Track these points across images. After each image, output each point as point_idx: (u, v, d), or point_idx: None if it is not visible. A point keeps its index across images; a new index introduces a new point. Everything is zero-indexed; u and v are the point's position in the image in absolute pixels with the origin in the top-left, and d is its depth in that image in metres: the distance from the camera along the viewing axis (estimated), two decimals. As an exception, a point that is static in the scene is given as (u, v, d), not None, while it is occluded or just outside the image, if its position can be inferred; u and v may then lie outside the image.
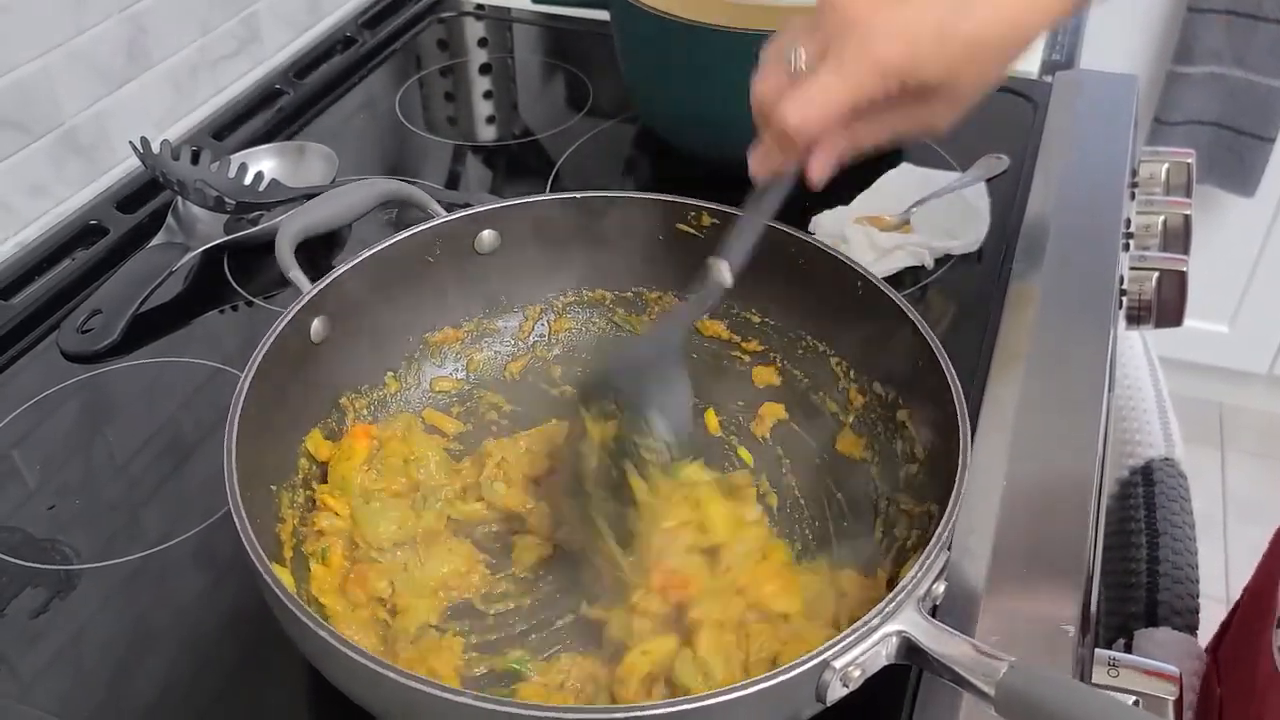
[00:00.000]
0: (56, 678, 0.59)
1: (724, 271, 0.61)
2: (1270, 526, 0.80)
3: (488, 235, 0.72)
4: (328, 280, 0.65)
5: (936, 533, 0.51)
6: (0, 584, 0.64)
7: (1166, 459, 0.88)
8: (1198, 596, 0.80)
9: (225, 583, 0.64)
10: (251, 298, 0.84)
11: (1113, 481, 0.88)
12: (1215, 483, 2.04)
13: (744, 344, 0.74)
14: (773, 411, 0.71)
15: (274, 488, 0.61)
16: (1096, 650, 0.62)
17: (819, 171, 0.58)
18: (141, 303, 0.81)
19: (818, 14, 0.57)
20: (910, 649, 0.49)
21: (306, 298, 0.64)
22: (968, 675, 0.47)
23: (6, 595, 0.63)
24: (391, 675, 0.45)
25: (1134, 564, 0.81)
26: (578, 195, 0.73)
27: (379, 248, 0.68)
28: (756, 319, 0.73)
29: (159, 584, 0.64)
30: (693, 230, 0.72)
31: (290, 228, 0.73)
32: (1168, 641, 0.75)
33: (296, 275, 0.68)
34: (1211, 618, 0.83)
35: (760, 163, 0.60)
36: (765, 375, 0.73)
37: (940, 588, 0.51)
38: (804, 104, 0.55)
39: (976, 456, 0.68)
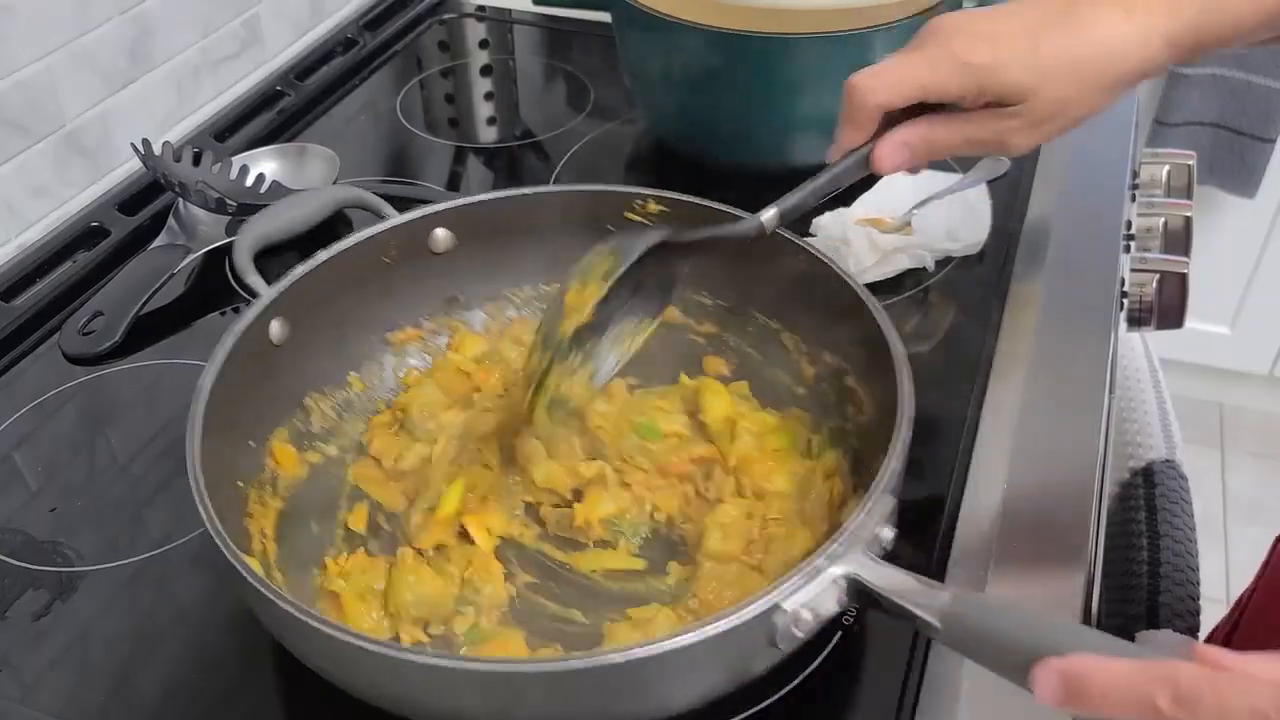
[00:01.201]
0: (59, 680, 0.59)
1: (772, 216, 0.62)
2: (1271, 527, 0.80)
3: (441, 234, 0.73)
4: (286, 283, 0.65)
5: (878, 475, 0.52)
6: (2, 586, 0.64)
7: (1167, 461, 0.88)
8: (1199, 599, 0.80)
9: (227, 584, 0.64)
10: (253, 300, 0.84)
11: (1113, 483, 0.88)
12: (1216, 484, 2.04)
13: (698, 326, 0.75)
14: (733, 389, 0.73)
15: (241, 484, 0.61)
16: (1098, 652, 0.62)
17: (886, 156, 0.60)
18: (143, 304, 0.81)
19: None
20: (859, 590, 0.49)
21: (265, 301, 0.64)
22: (913, 609, 0.47)
23: (8, 597, 0.63)
24: (351, 639, 0.46)
25: (1135, 566, 0.81)
26: (526, 191, 0.74)
27: (334, 250, 0.68)
28: (708, 301, 0.74)
29: (161, 586, 0.64)
30: (640, 218, 0.72)
31: (246, 236, 0.76)
32: (1169, 643, 0.75)
33: (254, 280, 0.71)
34: (1212, 619, 0.83)
35: (835, 143, 0.61)
36: (715, 365, 0.74)
37: (889, 534, 0.52)
38: (870, 73, 0.57)
39: (977, 458, 0.68)
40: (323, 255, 0.68)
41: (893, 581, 0.48)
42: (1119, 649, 0.40)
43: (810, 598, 0.48)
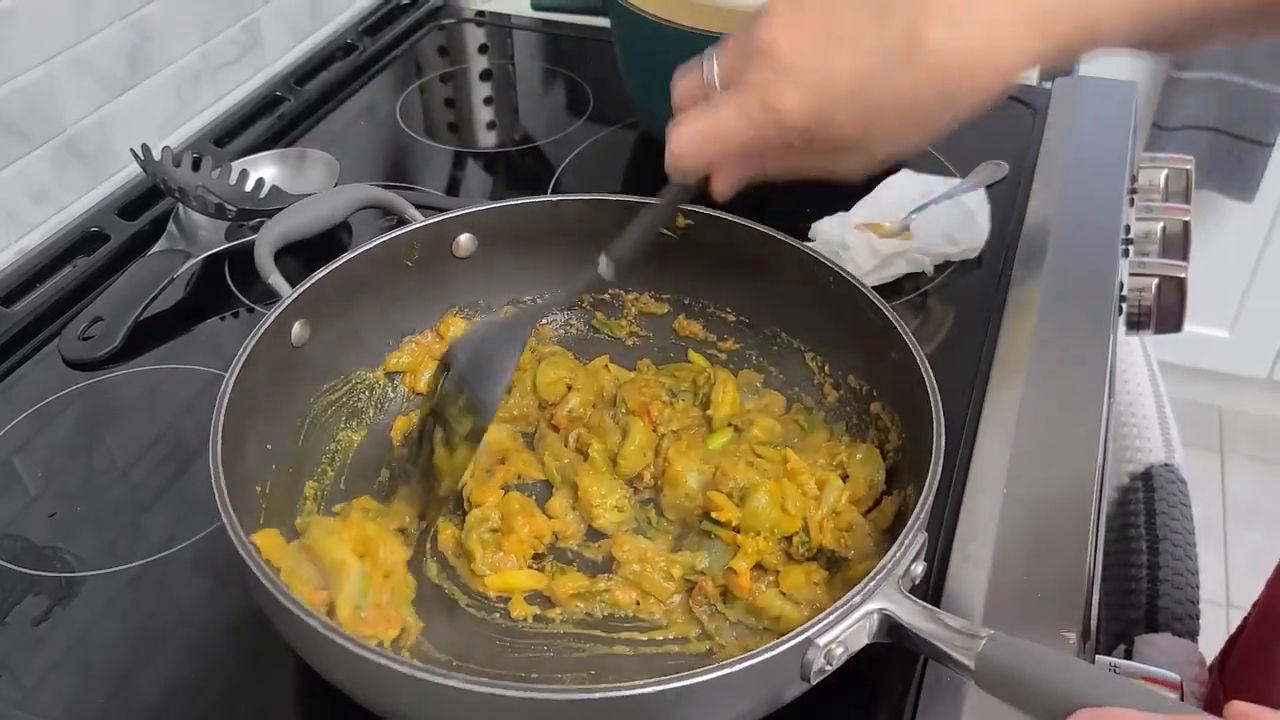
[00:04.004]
0: (58, 685, 0.59)
1: (605, 265, 0.61)
2: (1270, 531, 0.80)
3: (465, 239, 0.73)
4: (307, 284, 0.66)
5: (914, 513, 0.52)
6: (2, 591, 0.64)
7: (1167, 464, 0.88)
8: (1198, 602, 0.80)
9: (227, 589, 0.64)
10: (253, 304, 0.84)
11: (1113, 488, 0.88)
12: (1215, 488, 2.04)
13: (720, 343, 0.75)
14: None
15: (259, 489, 0.61)
16: (1098, 656, 0.62)
17: (718, 191, 0.57)
18: (143, 310, 0.81)
19: (750, 25, 0.52)
20: (891, 626, 0.49)
21: (287, 301, 0.64)
22: (947, 649, 0.48)
23: (8, 603, 0.63)
24: (369, 655, 0.46)
25: (1134, 570, 0.81)
26: (552, 199, 0.74)
27: (357, 252, 0.68)
28: (731, 318, 0.75)
29: (161, 591, 0.64)
30: (667, 231, 0.72)
31: (268, 235, 0.75)
32: (1168, 647, 0.75)
33: (276, 280, 0.70)
34: (1212, 623, 0.83)
35: (667, 165, 0.57)
36: (747, 378, 0.74)
37: (919, 568, 0.52)
38: (691, 135, 0.53)
39: (976, 463, 0.68)
40: (345, 256, 0.67)
41: (927, 622, 0.49)
42: (1152, 702, 0.40)
43: (842, 633, 0.48)
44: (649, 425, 0.69)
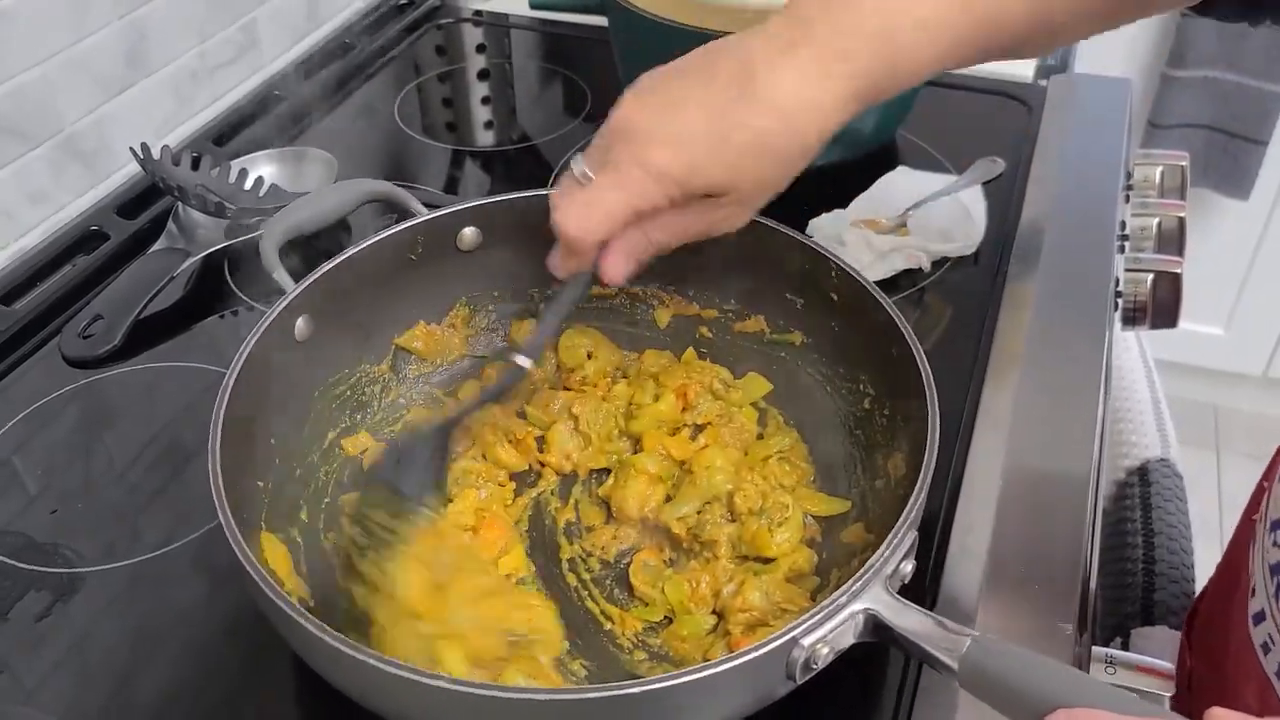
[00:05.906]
0: (60, 681, 0.59)
1: (523, 360, 0.63)
2: (1266, 527, 0.80)
3: (469, 232, 0.73)
4: (311, 279, 0.65)
5: (903, 512, 0.52)
6: (3, 588, 0.64)
7: (1162, 460, 0.89)
8: (1193, 596, 0.81)
9: (228, 586, 0.64)
10: (252, 302, 0.85)
11: (1109, 482, 0.88)
12: (1211, 485, 2.05)
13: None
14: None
15: (260, 484, 0.61)
16: (1094, 649, 0.63)
17: (612, 273, 0.60)
18: (143, 308, 0.81)
19: (604, 127, 0.58)
20: (877, 626, 0.50)
21: (290, 296, 0.64)
22: (932, 650, 0.48)
23: (10, 599, 0.63)
24: (363, 658, 0.46)
25: (1130, 564, 0.82)
26: (556, 191, 0.73)
27: (361, 246, 0.68)
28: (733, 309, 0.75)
29: (162, 587, 0.64)
30: None
31: (274, 230, 0.75)
32: (1164, 640, 0.76)
33: (281, 275, 0.69)
34: (1208, 618, 0.84)
35: (559, 265, 0.61)
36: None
37: (908, 567, 0.52)
38: (579, 212, 0.57)
39: (973, 457, 0.69)
40: (350, 251, 0.67)
41: (912, 623, 0.49)
42: (1127, 704, 0.41)
43: (828, 633, 0.48)
44: (679, 405, 0.70)
